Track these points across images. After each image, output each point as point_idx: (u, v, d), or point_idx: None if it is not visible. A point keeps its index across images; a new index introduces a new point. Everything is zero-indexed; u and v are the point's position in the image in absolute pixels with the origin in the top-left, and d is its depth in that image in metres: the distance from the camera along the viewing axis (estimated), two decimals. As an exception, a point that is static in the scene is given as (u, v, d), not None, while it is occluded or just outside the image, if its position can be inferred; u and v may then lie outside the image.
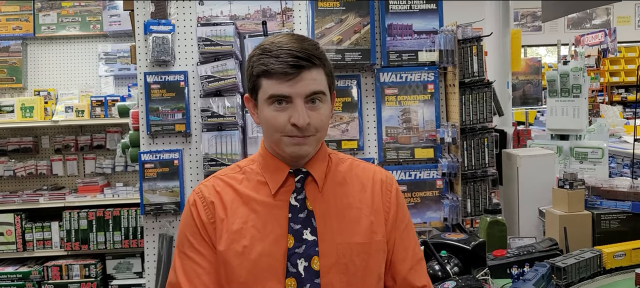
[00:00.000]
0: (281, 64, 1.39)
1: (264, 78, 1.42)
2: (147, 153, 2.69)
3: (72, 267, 4.62)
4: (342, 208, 1.50)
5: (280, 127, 1.43)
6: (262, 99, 1.44)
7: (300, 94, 1.41)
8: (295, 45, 1.41)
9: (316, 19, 2.73)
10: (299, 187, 1.49)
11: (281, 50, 1.41)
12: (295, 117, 1.40)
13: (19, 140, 4.86)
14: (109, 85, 4.86)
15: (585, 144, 3.46)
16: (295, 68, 1.39)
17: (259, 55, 1.44)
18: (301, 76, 1.40)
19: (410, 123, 2.79)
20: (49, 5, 4.92)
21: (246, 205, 1.48)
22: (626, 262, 2.19)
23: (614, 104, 9.12)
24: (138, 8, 2.75)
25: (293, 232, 1.45)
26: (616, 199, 2.48)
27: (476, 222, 2.87)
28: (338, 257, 1.45)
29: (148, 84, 2.70)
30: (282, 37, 1.45)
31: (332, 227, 1.47)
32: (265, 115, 1.44)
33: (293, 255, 1.43)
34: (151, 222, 2.74)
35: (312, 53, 1.42)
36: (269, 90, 1.42)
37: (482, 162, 2.72)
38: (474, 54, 2.70)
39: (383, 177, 1.59)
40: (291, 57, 1.39)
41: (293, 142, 1.44)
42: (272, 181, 1.49)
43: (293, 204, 1.47)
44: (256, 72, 1.44)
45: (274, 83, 1.41)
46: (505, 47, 4.96)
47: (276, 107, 1.42)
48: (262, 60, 1.42)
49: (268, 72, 1.41)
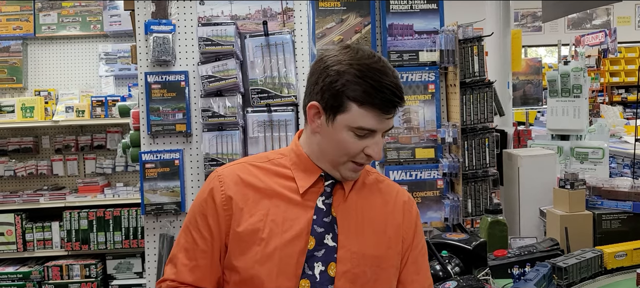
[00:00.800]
0: (383, 101, 1.35)
1: (357, 105, 1.36)
2: (147, 153, 2.69)
3: (72, 267, 4.62)
4: (362, 220, 1.50)
5: (353, 154, 1.41)
6: (345, 122, 1.38)
7: (383, 129, 1.41)
8: (395, 81, 1.36)
9: (317, 19, 2.73)
10: (328, 191, 1.48)
11: (385, 83, 1.35)
12: (373, 150, 1.40)
13: (20, 140, 4.86)
14: (109, 85, 4.86)
15: (586, 144, 3.46)
16: (394, 108, 1.38)
17: (357, 76, 1.35)
18: (392, 115, 1.39)
19: (411, 123, 2.79)
20: (49, 5, 4.92)
21: (268, 198, 1.46)
22: (627, 262, 2.19)
23: (614, 104, 9.12)
24: (139, 8, 2.75)
25: (315, 234, 1.43)
26: (617, 199, 2.48)
27: (477, 222, 2.86)
28: (351, 265, 1.44)
29: (149, 83, 2.70)
30: (378, 62, 1.37)
31: (351, 236, 1.47)
32: (342, 137, 1.40)
33: (312, 257, 1.42)
34: (152, 222, 2.74)
35: (402, 92, 1.39)
36: (360, 121, 1.37)
37: (483, 162, 2.72)
38: (474, 54, 2.70)
39: (405, 199, 1.59)
40: (394, 95, 1.35)
41: (356, 169, 1.44)
42: (302, 180, 1.48)
43: (320, 207, 1.46)
44: (350, 95, 1.36)
45: (369, 116, 1.37)
46: (506, 47, 4.97)
47: (357, 135, 1.39)
48: (364, 88, 1.35)
49: (367, 103, 1.35)
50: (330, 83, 1.38)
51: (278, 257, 1.42)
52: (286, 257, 1.42)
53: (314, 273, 1.41)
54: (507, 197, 2.85)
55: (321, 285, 1.41)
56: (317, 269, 1.42)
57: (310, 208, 1.46)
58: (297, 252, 1.42)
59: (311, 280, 1.41)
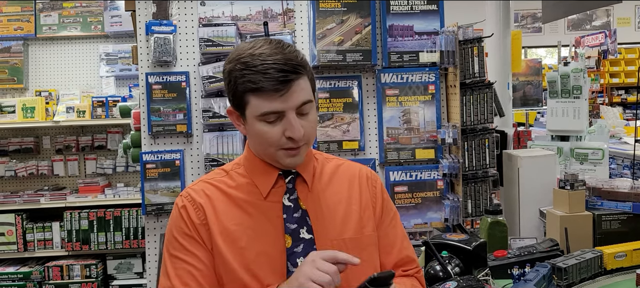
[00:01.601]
0: (271, 81, 1.35)
1: (252, 95, 1.38)
2: (148, 154, 2.70)
3: (72, 267, 4.62)
4: (332, 206, 1.51)
5: (275, 142, 1.41)
6: (251, 115, 1.40)
7: (291, 107, 1.38)
8: (279, 57, 1.36)
9: (317, 20, 2.73)
10: (290, 188, 1.49)
11: (266, 64, 1.35)
12: (291, 131, 1.38)
13: (20, 141, 4.87)
14: (110, 86, 4.87)
15: (586, 145, 3.46)
16: (285, 83, 1.36)
17: (242, 70, 1.38)
18: (291, 89, 1.37)
19: (411, 124, 2.79)
20: (50, 6, 4.92)
21: (238, 208, 1.47)
22: (627, 263, 2.19)
23: (614, 105, 9.13)
24: (139, 9, 2.76)
25: (290, 231, 1.45)
26: (617, 200, 2.48)
27: (477, 222, 2.87)
28: None
29: (149, 84, 2.70)
30: (260, 47, 1.39)
31: (325, 224, 1.48)
32: (257, 130, 1.41)
33: (292, 255, 1.43)
34: (152, 222, 2.75)
35: (297, 63, 1.38)
36: (261, 108, 1.38)
37: (483, 162, 2.73)
38: (474, 54, 2.71)
39: (368, 173, 1.61)
40: (279, 72, 1.35)
41: (289, 154, 1.43)
42: (262, 184, 1.48)
43: (286, 204, 1.47)
44: (242, 89, 1.38)
45: (264, 101, 1.37)
46: (506, 48, 4.98)
47: (268, 123, 1.39)
48: (249, 77, 1.36)
49: (257, 89, 1.36)
50: (227, 85, 1.43)
51: (261, 262, 1.42)
52: (268, 262, 1.42)
53: None
54: (507, 198, 2.85)
55: None
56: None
57: (277, 209, 1.46)
58: (277, 253, 1.43)
59: None
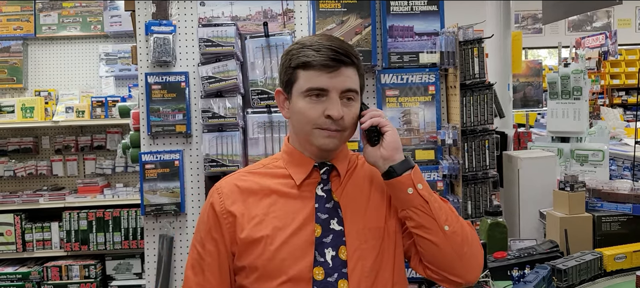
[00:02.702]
0: (322, 57, 1.44)
1: (303, 70, 1.47)
2: (147, 154, 2.69)
3: (71, 267, 4.62)
4: (362, 199, 1.54)
5: (314, 119, 1.46)
6: (297, 91, 1.48)
7: (337, 88, 1.46)
8: (336, 43, 1.49)
9: (317, 20, 2.73)
10: (325, 179, 1.52)
11: (322, 45, 1.46)
12: (330, 109, 1.44)
13: (19, 141, 4.86)
14: (109, 86, 4.86)
15: (586, 146, 3.46)
16: (336, 62, 1.45)
17: (299, 48, 1.49)
18: (340, 71, 1.46)
19: (411, 124, 2.79)
20: (49, 6, 4.92)
21: (268, 197, 1.51)
22: (627, 265, 2.19)
23: (614, 107, 9.13)
24: (139, 8, 2.75)
25: (320, 221, 1.47)
26: (617, 201, 2.48)
27: (477, 223, 2.86)
28: (359, 242, 1.48)
29: (149, 84, 2.70)
30: (320, 37, 1.52)
31: (356, 217, 1.51)
32: (300, 106, 1.47)
33: (321, 244, 1.45)
34: (151, 222, 2.74)
35: (351, 52, 1.49)
36: (308, 83, 1.46)
37: (483, 163, 2.72)
38: (475, 55, 2.70)
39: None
40: (332, 51, 1.45)
41: (324, 134, 1.47)
42: (296, 173, 1.53)
43: (320, 194, 1.51)
44: (295, 64, 1.48)
45: (313, 75, 1.45)
46: (506, 49, 4.98)
47: (312, 100, 1.46)
48: (303, 52, 1.47)
49: (308, 63, 1.45)
50: (282, 65, 1.54)
51: (286, 250, 1.44)
52: (295, 249, 1.45)
53: (326, 260, 1.44)
54: (507, 199, 2.85)
55: (334, 270, 1.44)
56: (329, 255, 1.45)
57: (310, 198, 1.50)
58: (305, 241, 1.46)
59: (324, 266, 1.44)
